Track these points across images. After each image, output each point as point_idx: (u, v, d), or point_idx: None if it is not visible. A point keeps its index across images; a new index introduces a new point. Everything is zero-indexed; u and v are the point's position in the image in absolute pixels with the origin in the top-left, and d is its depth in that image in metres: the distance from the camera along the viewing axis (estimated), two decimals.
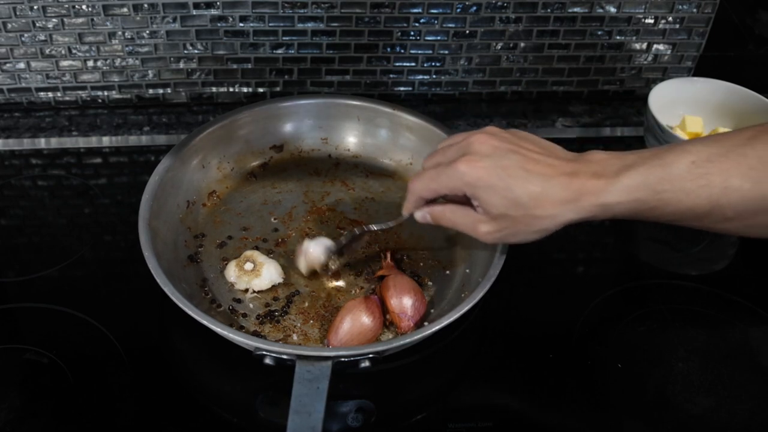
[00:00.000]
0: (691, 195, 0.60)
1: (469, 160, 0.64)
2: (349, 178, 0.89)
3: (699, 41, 1.00)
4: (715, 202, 0.59)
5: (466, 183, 0.64)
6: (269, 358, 0.64)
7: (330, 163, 0.91)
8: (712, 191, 0.59)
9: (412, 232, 0.83)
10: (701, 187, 0.59)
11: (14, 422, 0.66)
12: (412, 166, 0.89)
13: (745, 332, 0.77)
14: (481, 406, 0.69)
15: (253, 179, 0.88)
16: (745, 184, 0.58)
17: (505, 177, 0.63)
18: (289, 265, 0.79)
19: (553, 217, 0.63)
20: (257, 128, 0.89)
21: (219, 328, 0.66)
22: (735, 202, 0.59)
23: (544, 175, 0.63)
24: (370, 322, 0.70)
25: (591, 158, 0.64)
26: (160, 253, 0.72)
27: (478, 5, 0.94)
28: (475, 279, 0.74)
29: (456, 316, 0.67)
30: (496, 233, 0.66)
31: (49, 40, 0.92)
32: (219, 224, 0.83)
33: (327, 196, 0.87)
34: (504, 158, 0.64)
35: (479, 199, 0.65)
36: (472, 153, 0.65)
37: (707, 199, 0.59)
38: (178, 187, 0.82)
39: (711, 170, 0.59)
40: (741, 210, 0.59)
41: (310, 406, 0.60)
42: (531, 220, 0.64)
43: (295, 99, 0.91)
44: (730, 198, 0.59)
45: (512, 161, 0.63)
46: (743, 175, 0.58)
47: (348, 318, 0.70)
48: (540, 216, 0.63)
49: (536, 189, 0.63)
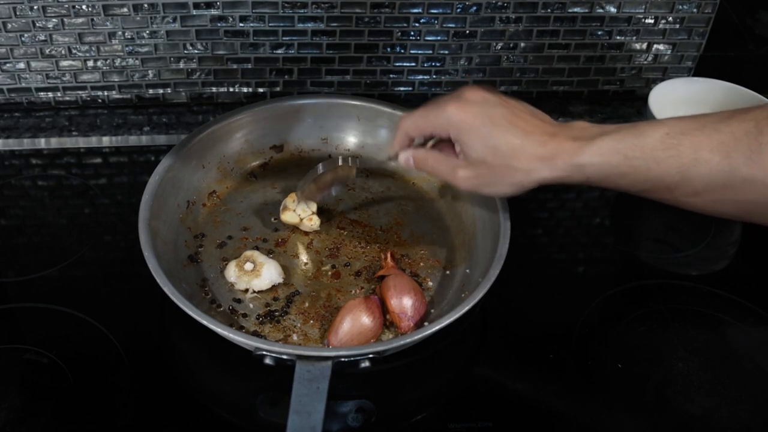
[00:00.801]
0: (661, 164, 0.61)
1: (458, 104, 0.67)
2: None
3: (699, 41, 1.00)
4: (684, 173, 0.60)
5: (452, 123, 0.67)
6: (269, 358, 0.64)
7: None
8: (682, 161, 0.60)
9: (413, 232, 0.83)
10: (671, 157, 0.61)
11: (14, 422, 0.66)
12: None
13: (745, 332, 0.77)
14: (481, 406, 0.69)
15: (254, 179, 0.88)
16: (714, 156, 0.59)
17: (488, 124, 0.66)
18: (290, 264, 0.79)
19: (528, 172, 0.65)
20: (257, 128, 0.89)
21: (219, 328, 0.66)
22: (704, 174, 0.60)
23: (526, 131, 0.65)
24: (370, 322, 0.70)
25: (573, 125, 0.67)
26: (160, 254, 0.72)
27: (478, 5, 0.94)
28: (475, 279, 0.74)
29: (456, 316, 0.67)
30: (473, 179, 0.68)
31: (49, 40, 0.92)
32: (219, 224, 0.83)
33: None
34: (492, 108, 0.67)
35: (461, 141, 0.67)
36: (463, 99, 0.68)
37: (677, 169, 0.61)
38: (178, 187, 0.82)
39: (683, 142, 0.60)
40: (709, 183, 0.60)
41: (310, 406, 0.60)
42: (507, 171, 0.66)
43: (295, 99, 0.92)
44: (699, 170, 0.60)
45: (499, 112, 0.66)
46: (714, 149, 0.59)
47: (348, 318, 0.70)
48: (516, 168, 0.66)
49: (516, 141, 0.65)
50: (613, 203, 0.92)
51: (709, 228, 0.88)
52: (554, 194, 0.91)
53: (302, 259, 0.80)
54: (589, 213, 0.91)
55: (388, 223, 0.84)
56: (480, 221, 0.80)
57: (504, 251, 0.72)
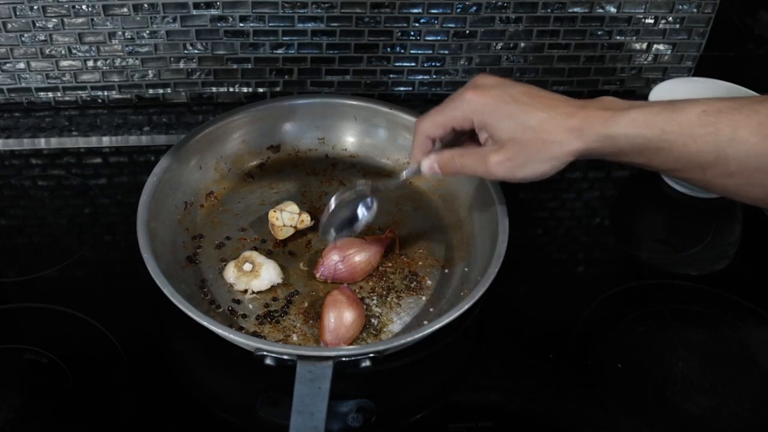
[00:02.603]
0: (698, 140, 0.59)
1: (475, 90, 0.65)
2: (346, 177, 0.89)
3: (699, 41, 1.00)
4: (720, 152, 0.59)
5: (474, 109, 0.65)
6: (270, 358, 0.64)
7: (327, 163, 0.91)
8: (719, 139, 0.59)
9: (411, 231, 0.83)
10: (709, 134, 0.59)
11: (14, 422, 0.66)
12: (408, 165, 0.89)
13: (745, 332, 0.77)
14: (481, 406, 0.69)
15: (251, 180, 0.88)
16: (753, 137, 0.58)
17: (511, 102, 0.64)
18: (288, 265, 0.79)
19: (560, 143, 0.63)
20: (254, 129, 0.89)
21: (220, 329, 0.66)
22: (740, 155, 0.59)
23: (550, 105, 0.64)
24: (352, 312, 0.71)
25: (601, 99, 0.65)
26: (159, 255, 0.72)
27: (478, 5, 0.94)
28: (474, 278, 0.74)
29: (455, 315, 0.67)
30: (507, 162, 0.65)
31: (49, 40, 0.92)
32: (217, 225, 0.83)
33: (324, 195, 0.87)
34: (510, 87, 0.65)
35: (487, 125, 0.65)
36: (478, 85, 0.66)
37: (713, 146, 0.59)
38: (175, 188, 0.82)
39: (721, 119, 0.59)
40: (744, 164, 0.59)
41: (312, 406, 0.60)
42: (539, 145, 0.63)
43: (292, 99, 0.92)
44: (737, 150, 0.59)
45: (518, 90, 0.65)
46: (752, 129, 0.58)
47: (332, 314, 0.70)
48: (547, 141, 0.63)
49: (542, 114, 0.63)
50: (613, 203, 0.92)
51: (709, 228, 0.88)
52: (554, 194, 0.91)
53: (301, 258, 0.80)
54: (589, 213, 0.91)
55: (385, 222, 0.84)
56: (478, 219, 0.80)
57: (503, 250, 0.72)
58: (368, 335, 0.73)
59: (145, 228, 0.74)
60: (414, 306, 0.76)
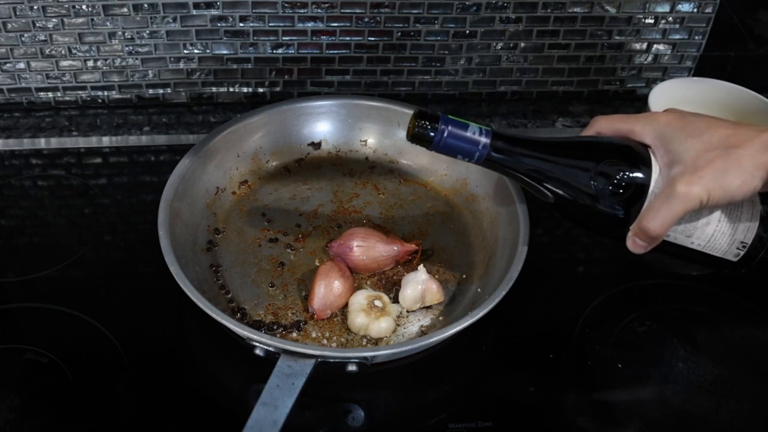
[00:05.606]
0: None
1: (655, 114, 0.66)
2: (381, 182, 0.88)
3: (699, 41, 1.00)
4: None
5: (657, 129, 0.65)
6: (260, 349, 0.65)
7: (366, 165, 0.90)
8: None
9: (434, 244, 0.82)
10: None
11: (14, 422, 0.66)
12: (446, 177, 0.88)
13: (745, 332, 0.77)
14: (481, 406, 0.69)
15: (287, 173, 0.88)
16: None
17: (693, 121, 0.64)
18: (308, 262, 0.78)
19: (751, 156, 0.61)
20: (298, 123, 0.89)
21: (211, 311, 0.66)
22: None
23: (730, 124, 0.63)
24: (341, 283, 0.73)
25: None
26: (177, 234, 0.73)
27: (478, 5, 0.94)
28: (483, 298, 0.73)
29: (451, 332, 0.67)
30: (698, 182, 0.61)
31: (49, 40, 0.92)
32: (244, 213, 0.83)
33: (356, 197, 0.86)
34: (687, 115, 0.65)
35: (670, 144, 0.64)
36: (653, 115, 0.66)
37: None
38: (209, 172, 0.83)
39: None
40: None
41: (279, 399, 0.60)
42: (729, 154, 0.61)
43: (342, 98, 0.91)
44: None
45: (695, 117, 0.65)
46: None
47: (322, 283, 0.72)
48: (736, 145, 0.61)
49: (726, 131, 0.62)
50: None
51: None
52: None
53: (320, 257, 0.80)
54: None
55: (411, 232, 0.83)
56: (501, 240, 0.79)
57: (515, 274, 0.71)
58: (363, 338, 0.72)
59: (167, 207, 0.75)
60: (420, 315, 0.75)
